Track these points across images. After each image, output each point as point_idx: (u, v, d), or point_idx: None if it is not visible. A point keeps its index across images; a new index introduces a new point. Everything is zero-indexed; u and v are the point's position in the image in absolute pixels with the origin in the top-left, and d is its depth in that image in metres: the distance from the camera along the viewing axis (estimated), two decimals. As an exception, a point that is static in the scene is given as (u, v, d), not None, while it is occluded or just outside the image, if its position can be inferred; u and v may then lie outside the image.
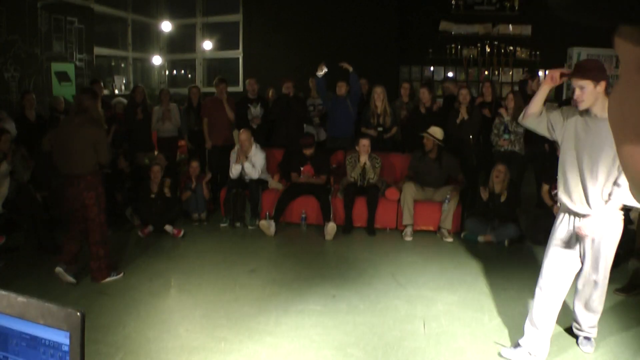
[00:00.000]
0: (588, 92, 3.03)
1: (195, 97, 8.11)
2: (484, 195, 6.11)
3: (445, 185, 6.53)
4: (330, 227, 6.28)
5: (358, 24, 10.69)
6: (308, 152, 6.72)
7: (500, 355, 3.59)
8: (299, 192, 6.70)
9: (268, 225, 6.38)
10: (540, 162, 7.13)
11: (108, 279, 4.85)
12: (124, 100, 9.33)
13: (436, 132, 6.49)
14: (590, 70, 3.03)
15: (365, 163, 6.53)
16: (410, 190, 6.38)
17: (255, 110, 7.73)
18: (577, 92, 3.06)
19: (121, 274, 4.97)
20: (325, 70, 7.22)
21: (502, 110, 6.76)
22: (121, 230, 6.48)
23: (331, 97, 7.41)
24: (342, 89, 7.31)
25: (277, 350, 3.62)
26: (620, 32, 0.48)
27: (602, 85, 3.04)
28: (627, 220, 5.10)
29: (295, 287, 4.74)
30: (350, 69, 7.23)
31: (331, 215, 6.43)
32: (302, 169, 6.76)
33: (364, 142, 6.52)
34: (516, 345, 3.58)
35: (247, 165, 6.70)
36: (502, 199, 6.08)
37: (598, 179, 3.13)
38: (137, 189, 6.70)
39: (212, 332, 3.85)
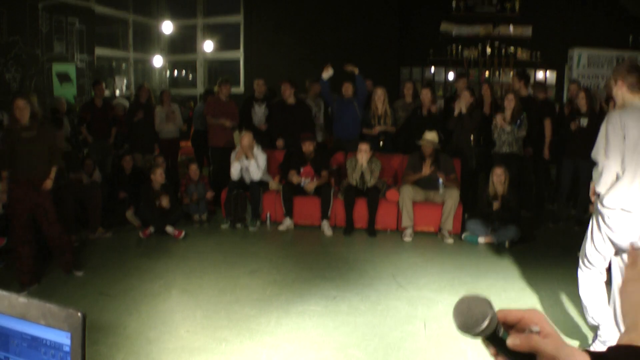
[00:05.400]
0: None
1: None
2: (496, 205, 6.11)
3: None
4: (324, 225, 6.50)
5: (359, 24, 10.70)
6: (307, 149, 6.73)
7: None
8: (300, 189, 6.76)
9: (285, 227, 6.60)
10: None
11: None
12: (125, 102, 9.34)
13: (433, 137, 6.50)
14: None
15: (364, 167, 6.53)
16: (408, 193, 6.38)
17: (260, 110, 7.72)
18: None
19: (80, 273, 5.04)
20: (331, 72, 7.24)
21: (498, 118, 6.70)
22: (122, 232, 6.49)
23: (336, 99, 7.40)
24: (348, 90, 7.28)
25: (278, 351, 3.62)
26: None
27: None
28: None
29: (296, 288, 4.74)
30: (357, 71, 7.24)
31: (329, 213, 6.52)
32: (302, 169, 6.77)
33: (363, 147, 6.52)
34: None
35: (252, 163, 6.71)
36: (504, 200, 6.08)
37: None
38: (139, 190, 6.70)
39: (213, 333, 3.85)
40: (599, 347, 3.56)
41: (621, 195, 3.23)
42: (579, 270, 3.64)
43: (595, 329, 3.63)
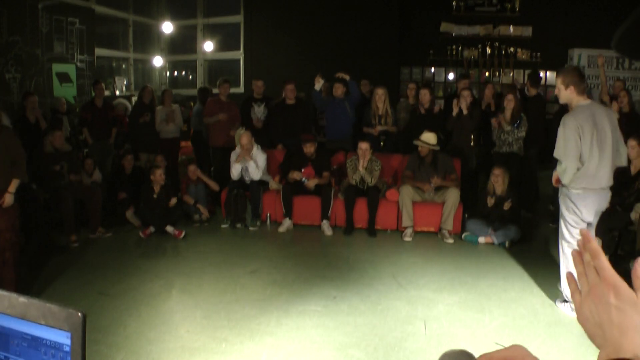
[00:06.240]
0: None
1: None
2: (490, 202, 6.11)
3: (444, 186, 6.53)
4: (324, 225, 6.48)
5: (359, 25, 10.70)
6: (309, 150, 6.73)
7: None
8: (301, 189, 6.75)
9: (285, 228, 6.56)
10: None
11: None
12: (126, 102, 9.34)
13: (430, 138, 6.47)
14: None
15: (364, 167, 6.54)
16: (408, 193, 6.38)
17: (259, 110, 7.73)
18: None
19: None
20: (322, 82, 7.27)
21: (501, 119, 6.71)
22: (122, 232, 6.48)
23: (328, 102, 7.40)
24: (338, 90, 7.25)
25: (278, 351, 3.62)
26: None
27: None
28: (628, 222, 5.10)
29: (296, 288, 4.74)
30: (347, 77, 7.25)
31: (329, 213, 6.52)
32: (302, 170, 6.77)
33: (363, 146, 6.53)
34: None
35: (251, 164, 6.71)
36: (503, 200, 6.08)
37: None
38: (139, 190, 6.70)
39: (213, 333, 3.85)
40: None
41: (583, 179, 4.01)
42: (561, 254, 4.22)
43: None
